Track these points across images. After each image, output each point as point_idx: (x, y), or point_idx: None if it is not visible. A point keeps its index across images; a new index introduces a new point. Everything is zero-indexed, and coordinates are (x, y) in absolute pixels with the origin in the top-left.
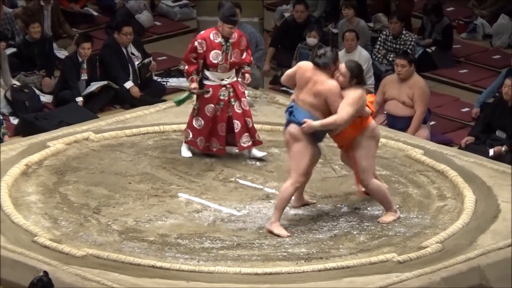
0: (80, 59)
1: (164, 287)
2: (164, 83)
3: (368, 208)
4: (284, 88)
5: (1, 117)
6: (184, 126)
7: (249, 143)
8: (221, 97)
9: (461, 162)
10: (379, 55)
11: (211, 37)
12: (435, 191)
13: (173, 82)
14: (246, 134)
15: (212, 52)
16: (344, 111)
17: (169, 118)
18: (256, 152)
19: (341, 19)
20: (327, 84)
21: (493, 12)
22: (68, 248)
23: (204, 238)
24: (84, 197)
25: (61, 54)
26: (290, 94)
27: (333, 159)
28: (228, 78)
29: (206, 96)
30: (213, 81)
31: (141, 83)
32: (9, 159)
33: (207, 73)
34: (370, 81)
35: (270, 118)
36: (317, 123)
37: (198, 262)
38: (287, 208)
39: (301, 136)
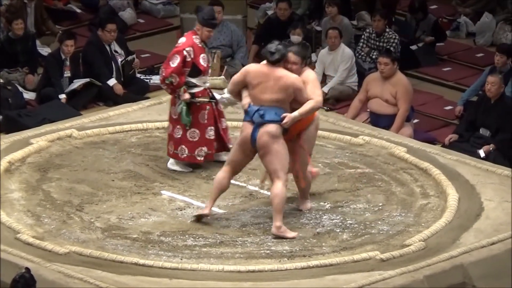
0: (63, 56)
1: (147, 284)
2: (148, 80)
3: (351, 206)
4: None
5: None
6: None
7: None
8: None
9: (445, 160)
10: (362, 53)
11: (196, 42)
12: (418, 189)
13: (156, 79)
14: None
15: (201, 56)
16: (316, 94)
17: (152, 115)
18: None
19: (324, 17)
20: (293, 77)
21: (476, 10)
22: (51, 245)
23: (187, 236)
24: (67, 194)
25: (44, 51)
26: None
27: None
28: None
29: (198, 104)
30: (200, 86)
31: (124, 81)
32: None
33: (193, 80)
34: (353, 79)
35: None
36: (296, 113)
37: (181, 259)
38: (269, 207)
39: (280, 134)
